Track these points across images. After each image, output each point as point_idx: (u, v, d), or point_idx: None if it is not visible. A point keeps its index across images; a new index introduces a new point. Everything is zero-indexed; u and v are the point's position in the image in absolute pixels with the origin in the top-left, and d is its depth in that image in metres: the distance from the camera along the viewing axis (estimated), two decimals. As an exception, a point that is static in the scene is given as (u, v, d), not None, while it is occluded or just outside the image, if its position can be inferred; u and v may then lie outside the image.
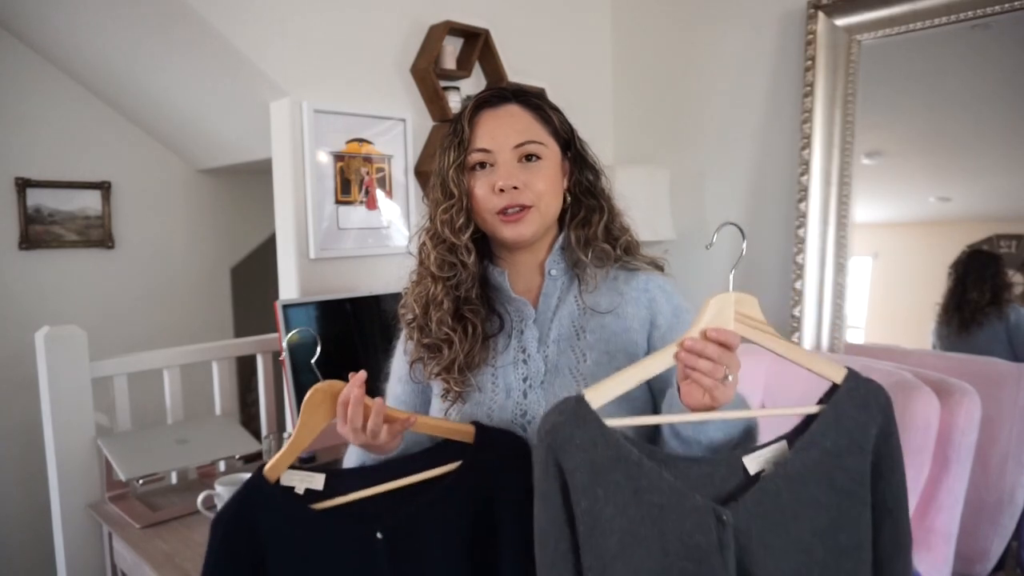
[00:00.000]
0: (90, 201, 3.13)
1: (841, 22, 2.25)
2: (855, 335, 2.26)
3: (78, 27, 2.54)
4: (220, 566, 0.86)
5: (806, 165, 2.30)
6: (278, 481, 0.89)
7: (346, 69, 2.20)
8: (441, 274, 1.02)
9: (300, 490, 0.89)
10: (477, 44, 2.41)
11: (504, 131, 1.00)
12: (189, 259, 3.48)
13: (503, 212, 0.99)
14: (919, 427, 1.52)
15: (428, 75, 2.30)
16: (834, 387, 0.78)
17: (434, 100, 2.34)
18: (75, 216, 3.10)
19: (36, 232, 3.00)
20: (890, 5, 2.13)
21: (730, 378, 0.78)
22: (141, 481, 1.78)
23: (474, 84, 2.51)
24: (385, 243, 2.29)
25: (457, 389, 1.01)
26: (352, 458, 1.06)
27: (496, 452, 0.91)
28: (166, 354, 1.99)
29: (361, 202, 2.23)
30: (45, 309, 2.95)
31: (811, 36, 2.29)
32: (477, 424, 0.94)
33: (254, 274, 3.65)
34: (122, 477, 1.64)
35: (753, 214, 2.55)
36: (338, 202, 2.18)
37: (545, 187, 1.00)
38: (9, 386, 2.86)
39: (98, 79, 2.96)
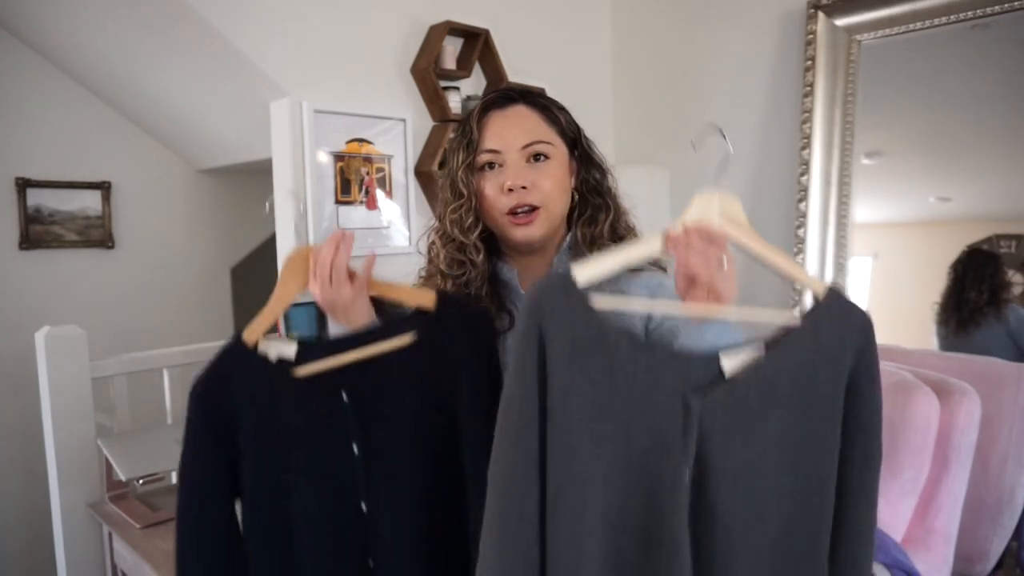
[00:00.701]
0: (90, 201, 3.13)
1: (841, 22, 2.25)
2: (855, 335, 2.26)
3: (78, 27, 2.54)
4: (200, 432, 0.90)
5: (806, 165, 2.30)
6: (255, 348, 0.92)
7: (346, 69, 2.20)
8: (451, 272, 1.04)
9: (273, 357, 0.91)
10: (477, 44, 2.41)
11: (512, 132, 1.02)
12: (189, 259, 3.48)
13: (512, 213, 1.01)
14: (919, 427, 1.52)
15: (428, 75, 2.30)
16: (816, 302, 0.80)
17: (434, 100, 2.34)
18: (75, 216, 3.10)
19: (36, 232, 3.00)
20: (890, 5, 2.13)
21: (725, 264, 0.80)
22: (141, 481, 1.78)
23: (474, 84, 2.51)
24: (385, 243, 2.29)
25: None
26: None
27: (457, 320, 0.93)
28: (166, 354, 1.99)
29: (361, 202, 2.23)
30: (45, 309, 2.95)
31: (811, 36, 2.29)
32: (439, 291, 0.95)
33: (254, 274, 3.65)
34: (122, 477, 1.64)
35: (753, 214, 2.54)
36: (338, 202, 2.18)
37: (552, 186, 1.02)
38: (9, 386, 2.86)
39: (98, 79, 2.96)
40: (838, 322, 0.79)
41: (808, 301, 2.31)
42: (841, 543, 0.80)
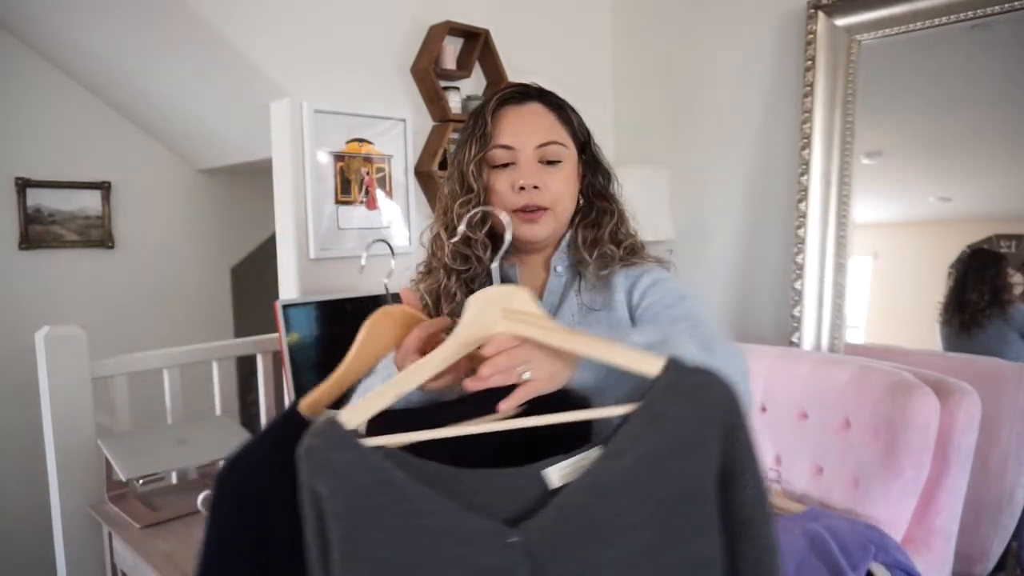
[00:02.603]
0: (90, 201, 3.13)
1: (841, 22, 2.25)
2: (855, 335, 2.26)
3: (78, 27, 2.54)
4: (228, 529, 0.75)
5: (806, 165, 2.30)
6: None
7: (346, 69, 2.20)
8: (456, 267, 1.02)
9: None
10: (477, 44, 2.41)
11: (528, 129, 1.01)
12: (189, 259, 3.48)
13: (521, 210, 0.99)
14: (919, 427, 1.52)
15: (428, 75, 2.30)
16: (653, 381, 0.66)
17: (434, 100, 2.34)
18: (75, 216, 3.10)
19: (36, 232, 3.00)
20: (890, 5, 2.13)
21: (526, 375, 0.68)
22: (141, 481, 1.77)
23: (474, 84, 2.51)
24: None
25: None
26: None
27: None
28: (166, 354, 1.99)
29: (361, 202, 2.23)
30: (45, 309, 2.95)
31: (811, 36, 2.29)
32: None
33: (254, 274, 3.65)
34: (122, 477, 1.64)
35: (753, 214, 2.55)
36: (338, 202, 2.18)
37: (563, 190, 1.01)
38: (9, 386, 2.86)
39: (98, 79, 2.96)
40: (682, 401, 0.65)
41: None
42: None
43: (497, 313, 0.68)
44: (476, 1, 2.46)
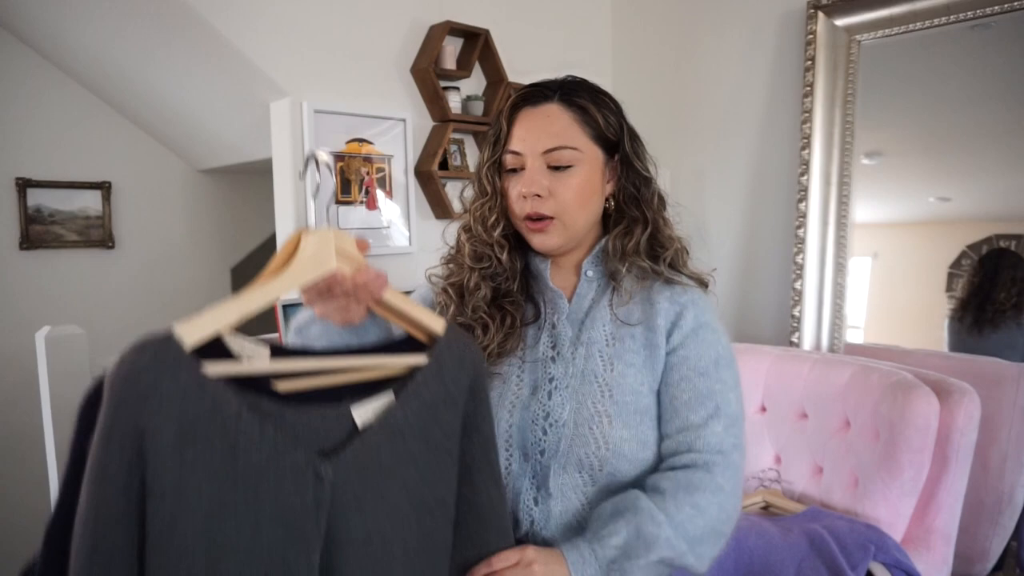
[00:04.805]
0: (90, 201, 3.13)
1: (841, 22, 2.25)
2: (855, 335, 2.26)
3: (79, 27, 2.54)
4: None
5: (806, 165, 2.30)
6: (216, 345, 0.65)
7: (346, 69, 2.20)
8: (476, 265, 1.02)
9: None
10: (477, 44, 2.41)
11: (536, 135, 0.98)
12: (189, 259, 3.48)
13: (528, 219, 0.98)
14: (919, 427, 1.52)
15: (428, 75, 2.30)
16: (435, 338, 0.76)
17: (434, 100, 2.34)
18: (75, 216, 3.10)
19: (36, 232, 3.00)
20: (890, 5, 2.13)
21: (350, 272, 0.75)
22: (141, 481, 1.77)
23: (474, 84, 2.51)
24: (385, 243, 2.29)
25: None
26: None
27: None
28: (166, 354, 1.99)
29: (361, 202, 2.23)
30: (45, 309, 2.95)
31: (811, 36, 2.29)
32: (449, 323, 0.82)
33: (254, 274, 3.63)
34: (122, 477, 1.64)
35: (753, 214, 2.55)
36: (338, 202, 2.18)
37: (572, 197, 0.97)
38: (9, 386, 2.86)
39: (98, 79, 2.96)
40: (456, 358, 0.75)
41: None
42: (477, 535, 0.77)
43: (332, 251, 0.72)
44: (476, 1, 2.46)
